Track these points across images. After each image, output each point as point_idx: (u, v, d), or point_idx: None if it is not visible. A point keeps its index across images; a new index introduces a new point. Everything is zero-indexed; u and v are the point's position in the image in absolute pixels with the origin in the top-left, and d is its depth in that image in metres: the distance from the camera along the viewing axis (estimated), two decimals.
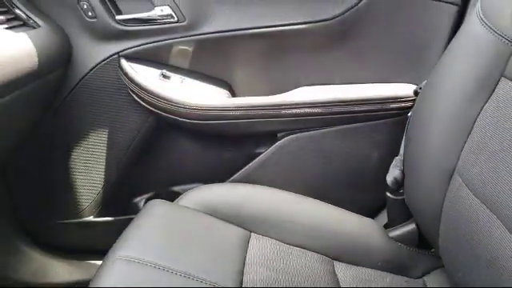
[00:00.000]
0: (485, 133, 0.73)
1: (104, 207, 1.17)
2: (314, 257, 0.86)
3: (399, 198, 0.97)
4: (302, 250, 0.88)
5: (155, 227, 0.83)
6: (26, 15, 0.94)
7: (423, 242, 0.93)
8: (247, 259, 0.81)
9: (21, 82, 0.84)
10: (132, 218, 0.88)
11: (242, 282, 0.74)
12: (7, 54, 0.81)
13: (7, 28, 0.87)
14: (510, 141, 0.66)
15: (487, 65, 0.75)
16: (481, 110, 0.75)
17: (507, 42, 0.72)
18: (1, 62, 0.78)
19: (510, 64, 0.71)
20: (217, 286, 0.71)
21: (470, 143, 0.76)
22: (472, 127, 0.76)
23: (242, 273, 0.76)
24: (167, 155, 1.16)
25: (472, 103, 0.76)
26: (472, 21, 0.81)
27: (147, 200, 1.09)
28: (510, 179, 0.63)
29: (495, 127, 0.71)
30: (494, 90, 0.74)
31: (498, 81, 0.74)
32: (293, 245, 0.88)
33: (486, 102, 0.75)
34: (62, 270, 1.19)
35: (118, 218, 1.17)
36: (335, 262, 0.88)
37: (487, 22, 0.77)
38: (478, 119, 0.75)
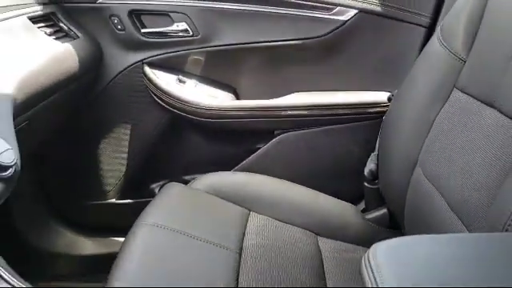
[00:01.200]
0: (439, 132, 0.88)
1: (125, 191, 1.33)
2: (301, 231, 1.02)
3: (374, 187, 1.12)
4: (292, 225, 1.03)
5: (173, 203, 0.99)
6: (68, 28, 1.10)
7: (394, 223, 1.08)
8: (246, 230, 0.96)
9: (63, 83, 1.00)
10: (149, 201, 1.03)
11: (242, 245, 0.90)
12: (54, 60, 0.97)
13: (54, 38, 1.02)
14: (458, 138, 0.80)
15: (443, 77, 0.90)
16: (437, 113, 0.90)
17: (458, 59, 0.87)
18: (49, 67, 0.93)
19: (460, 77, 0.86)
20: (223, 245, 0.86)
21: (428, 141, 0.90)
22: (430, 128, 0.91)
23: (242, 239, 0.92)
24: (180, 148, 1.32)
25: (431, 108, 0.91)
26: (434, 41, 0.96)
27: (161, 186, 1.24)
28: (455, 169, 0.77)
29: (447, 128, 0.85)
30: (447, 98, 0.89)
31: (451, 91, 0.88)
32: (284, 221, 1.03)
33: (442, 107, 0.90)
34: (88, 244, 1.33)
35: (137, 200, 1.32)
36: (318, 237, 1.03)
37: (444, 43, 0.92)
38: (435, 121, 0.90)
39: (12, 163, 0.58)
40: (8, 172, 0.57)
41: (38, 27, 0.98)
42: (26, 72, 0.80)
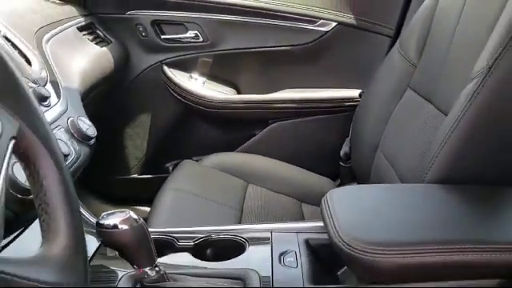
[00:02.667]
0: (395, 121, 1.10)
1: (145, 168, 1.55)
2: (288, 199, 1.25)
3: (348, 165, 1.35)
4: (281, 194, 1.26)
5: (188, 175, 1.22)
6: (104, 35, 1.33)
7: None
8: (245, 196, 1.20)
9: (103, 79, 1.21)
10: (165, 177, 1.24)
11: (242, 206, 1.13)
12: (97, 61, 1.19)
13: (95, 43, 1.24)
14: (406, 125, 1.01)
15: (400, 79, 1.11)
16: (394, 107, 1.12)
17: (411, 64, 1.09)
18: (94, 66, 1.16)
19: (412, 79, 1.08)
20: (228, 205, 1.10)
21: (387, 128, 1.13)
22: (389, 118, 1.13)
23: (242, 202, 1.16)
24: (191, 133, 1.54)
25: (390, 103, 1.12)
26: (394, 50, 1.18)
27: (175, 165, 1.46)
28: (403, 147, 0.99)
29: (400, 118, 1.07)
30: (402, 95, 1.11)
31: (405, 90, 1.10)
32: (274, 191, 1.26)
33: (398, 102, 1.12)
34: None
35: (154, 175, 1.54)
36: (302, 203, 1.26)
37: (401, 52, 1.14)
38: (392, 113, 1.12)
39: (94, 135, 0.81)
40: (92, 141, 0.79)
41: (83, 35, 1.21)
42: (82, 70, 1.03)
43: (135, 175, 1.55)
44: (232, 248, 0.75)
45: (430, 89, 0.99)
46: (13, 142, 0.37)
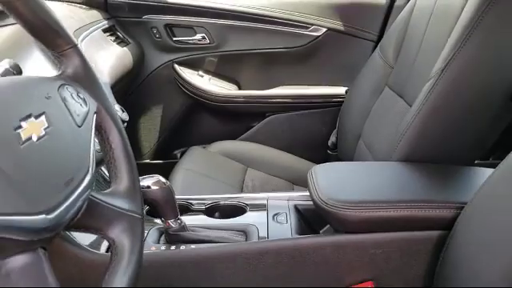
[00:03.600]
0: (374, 115, 1.27)
1: (156, 154, 1.72)
2: (282, 181, 1.42)
3: (335, 153, 1.52)
4: (276, 177, 1.43)
5: (196, 159, 1.39)
6: (123, 36, 1.49)
7: None
8: (245, 179, 1.37)
9: (123, 75, 1.37)
10: (174, 162, 1.40)
11: (242, 185, 1.31)
12: (119, 59, 1.35)
13: (116, 44, 1.41)
14: (383, 118, 1.18)
15: (379, 79, 1.28)
16: (374, 103, 1.28)
17: (389, 66, 1.26)
18: (117, 64, 1.32)
19: (389, 79, 1.25)
20: (230, 184, 1.27)
21: (367, 121, 1.29)
22: (369, 113, 1.29)
23: (242, 182, 1.33)
24: (197, 124, 1.71)
25: (370, 99, 1.28)
26: (376, 53, 1.35)
27: (182, 153, 1.62)
28: (379, 136, 1.16)
29: (379, 112, 1.24)
30: (381, 92, 1.28)
31: (384, 88, 1.27)
32: (270, 174, 1.43)
33: (377, 99, 1.28)
34: None
35: (164, 161, 1.71)
36: (294, 185, 1.43)
37: (381, 54, 1.31)
38: (372, 108, 1.28)
39: (126, 119, 0.98)
40: (125, 124, 0.96)
41: (107, 36, 1.37)
42: (109, 67, 1.19)
43: (147, 160, 1.72)
44: (235, 211, 0.92)
45: (402, 87, 1.15)
46: (95, 116, 0.54)
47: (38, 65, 0.84)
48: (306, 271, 0.77)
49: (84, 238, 0.75)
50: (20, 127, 0.40)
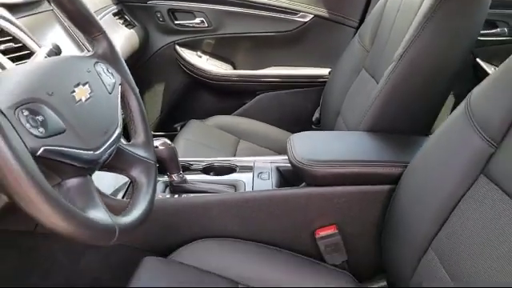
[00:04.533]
0: (351, 93, 1.43)
1: (159, 127, 1.89)
2: (270, 151, 1.58)
3: (318, 128, 1.69)
4: (265, 148, 1.60)
5: (195, 131, 1.56)
6: (130, 19, 1.65)
7: None
8: (237, 149, 1.53)
9: (130, 54, 1.54)
10: (174, 134, 1.56)
11: (235, 153, 1.48)
12: (127, 40, 1.51)
13: (125, 26, 1.56)
14: (356, 95, 1.35)
15: (357, 62, 1.42)
16: (352, 82, 1.43)
17: (366, 50, 1.40)
18: (126, 44, 1.48)
19: (365, 62, 1.40)
20: (224, 152, 1.44)
21: (345, 99, 1.46)
22: (347, 91, 1.45)
23: (235, 151, 1.50)
24: (195, 100, 1.87)
25: (349, 80, 1.43)
26: (355, 38, 1.50)
27: (182, 126, 1.78)
28: (353, 107, 1.34)
29: (354, 90, 1.40)
30: (359, 74, 1.42)
31: (361, 70, 1.41)
32: (259, 145, 1.60)
33: (355, 79, 1.42)
34: None
35: (166, 133, 1.87)
36: (280, 155, 1.60)
37: (359, 40, 1.46)
38: (351, 87, 1.44)
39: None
40: None
41: (116, 19, 1.53)
42: (120, 47, 1.34)
43: (152, 132, 1.88)
44: (227, 170, 1.10)
45: (374, 68, 1.31)
46: (120, 86, 0.71)
47: (65, 44, 1.01)
48: (282, 215, 0.95)
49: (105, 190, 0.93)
50: (74, 91, 0.57)
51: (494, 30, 1.63)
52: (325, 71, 1.73)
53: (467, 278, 0.70)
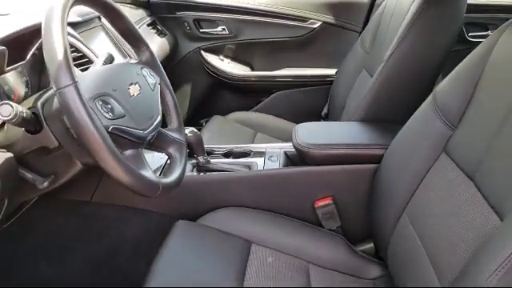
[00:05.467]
0: (354, 90, 1.62)
1: (187, 123, 2.10)
2: (280, 141, 1.79)
3: (326, 121, 1.88)
4: (278, 139, 1.79)
5: (218, 125, 1.77)
6: (162, 29, 1.88)
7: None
8: (254, 140, 1.73)
9: (162, 60, 1.76)
10: (200, 129, 1.77)
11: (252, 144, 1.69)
12: (160, 47, 1.74)
13: (157, 35, 1.79)
14: (357, 91, 1.54)
15: (359, 62, 1.61)
16: (355, 81, 1.63)
17: (366, 52, 1.59)
18: (159, 51, 1.70)
19: (365, 61, 1.58)
20: (243, 143, 1.64)
21: (349, 95, 1.65)
22: (351, 88, 1.65)
23: (252, 142, 1.70)
24: (218, 98, 2.09)
25: (352, 78, 1.63)
26: (357, 42, 1.69)
27: (207, 120, 2.00)
28: (352, 104, 1.53)
29: (357, 87, 1.59)
30: (360, 72, 1.62)
31: (362, 70, 1.61)
32: (273, 137, 1.79)
33: (357, 77, 1.63)
34: None
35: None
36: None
37: (360, 43, 1.65)
38: (354, 85, 1.64)
39: None
40: None
41: (150, 29, 1.76)
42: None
43: None
44: (243, 155, 1.31)
45: (372, 68, 1.47)
46: (158, 85, 0.93)
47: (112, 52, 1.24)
48: (287, 189, 1.15)
49: None
50: (129, 88, 0.79)
51: (485, 33, 1.79)
52: (332, 71, 1.91)
53: (430, 238, 0.87)
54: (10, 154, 0.75)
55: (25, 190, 0.81)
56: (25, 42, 0.87)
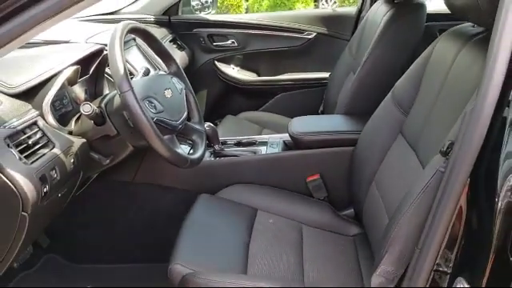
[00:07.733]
0: (343, 89, 1.91)
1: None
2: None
3: None
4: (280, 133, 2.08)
5: (230, 123, 2.06)
6: (181, 43, 2.18)
7: None
8: (262, 133, 2.02)
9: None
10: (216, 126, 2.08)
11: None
12: (180, 59, 2.04)
13: (177, 49, 2.10)
14: (345, 89, 1.83)
15: (347, 67, 1.89)
16: (344, 81, 1.92)
17: (353, 58, 1.87)
18: (180, 64, 2.00)
19: (352, 65, 1.87)
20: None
21: (340, 94, 1.93)
22: (342, 87, 1.93)
23: (260, 134, 1.99)
24: (229, 101, 2.39)
25: (342, 79, 1.92)
26: (346, 49, 1.97)
27: (220, 121, 2.29)
28: (339, 100, 1.81)
29: (346, 86, 1.88)
30: (348, 74, 1.91)
31: (349, 72, 1.90)
32: (277, 132, 2.08)
33: (346, 78, 1.92)
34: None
35: None
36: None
37: (348, 50, 1.93)
38: (343, 85, 1.92)
39: None
40: None
41: (172, 44, 2.07)
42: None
43: None
44: (250, 144, 1.60)
45: (355, 69, 1.77)
46: (184, 90, 1.23)
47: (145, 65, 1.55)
48: (285, 169, 1.45)
49: None
50: (164, 92, 1.09)
51: None
52: (326, 74, 2.19)
53: (387, 195, 1.15)
54: (83, 140, 1.06)
55: (93, 166, 1.12)
56: (88, 62, 1.19)
